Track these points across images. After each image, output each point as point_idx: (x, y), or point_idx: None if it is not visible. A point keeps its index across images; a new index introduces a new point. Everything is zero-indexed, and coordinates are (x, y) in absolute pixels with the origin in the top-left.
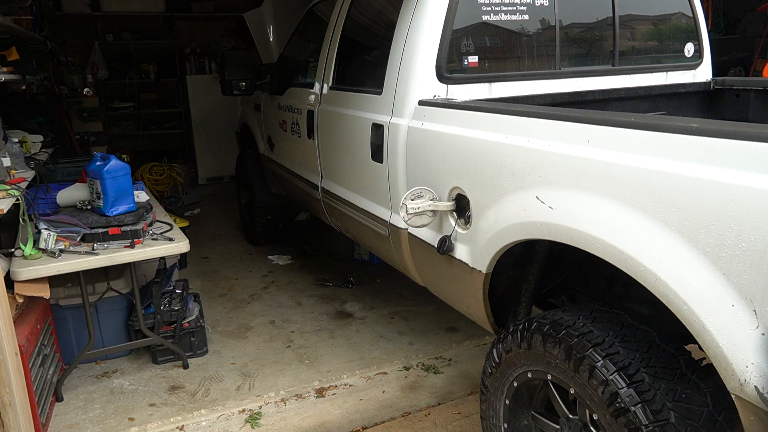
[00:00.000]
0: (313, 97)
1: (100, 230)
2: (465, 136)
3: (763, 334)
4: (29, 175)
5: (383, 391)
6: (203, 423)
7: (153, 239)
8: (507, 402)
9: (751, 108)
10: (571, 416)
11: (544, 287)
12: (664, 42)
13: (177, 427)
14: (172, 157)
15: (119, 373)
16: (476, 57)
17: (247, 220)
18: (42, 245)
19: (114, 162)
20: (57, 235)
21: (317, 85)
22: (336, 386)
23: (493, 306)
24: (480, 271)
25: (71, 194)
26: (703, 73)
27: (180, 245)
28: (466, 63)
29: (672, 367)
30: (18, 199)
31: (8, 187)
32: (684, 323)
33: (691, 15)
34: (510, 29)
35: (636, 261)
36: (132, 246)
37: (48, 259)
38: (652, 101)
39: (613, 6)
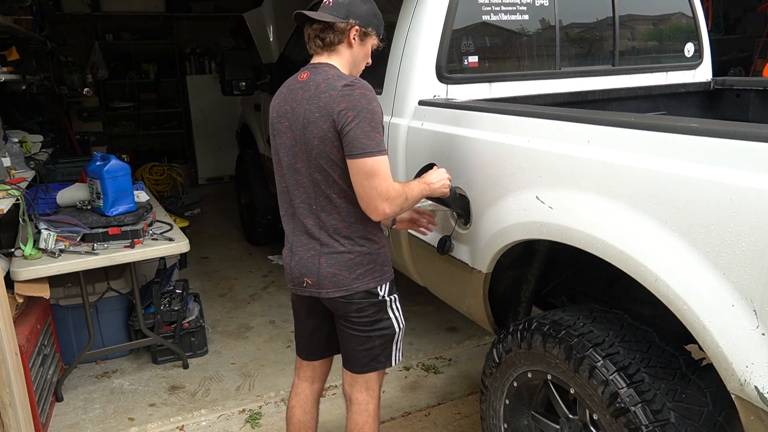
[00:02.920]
0: None
1: (100, 230)
2: (465, 137)
3: (763, 334)
4: (29, 175)
5: (383, 391)
6: (203, 423)
7: (153, 239)
8: (507, 402)
9: (751, 108)
10: (571, 416)
11: (544, 287)
12: (664, 42)
13: (177, 427)
14: (172, 157)
15: (119, 373)
16: (476, 57)
17: (247, 220)
18: (42, 245)
19: (114, 162)
20: (57, 235)
21: None
22: (336, 386)
23: (493, 306)
24: (480, 271)
25: (71, 194)
26: (703, 73)
27: (180, 245)
28: (466, 63)
29: (672, 367)
30: (18, 199)
31: (8, 187)
32: (684, 323)
33: (691, 15)
34: (510, 29)
35: (636, 261)
36: (132, 246)
37: (48, 259)
38: (652, 101)
39: (613, 6)
